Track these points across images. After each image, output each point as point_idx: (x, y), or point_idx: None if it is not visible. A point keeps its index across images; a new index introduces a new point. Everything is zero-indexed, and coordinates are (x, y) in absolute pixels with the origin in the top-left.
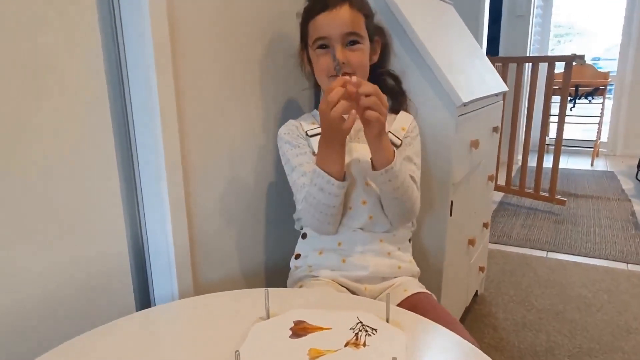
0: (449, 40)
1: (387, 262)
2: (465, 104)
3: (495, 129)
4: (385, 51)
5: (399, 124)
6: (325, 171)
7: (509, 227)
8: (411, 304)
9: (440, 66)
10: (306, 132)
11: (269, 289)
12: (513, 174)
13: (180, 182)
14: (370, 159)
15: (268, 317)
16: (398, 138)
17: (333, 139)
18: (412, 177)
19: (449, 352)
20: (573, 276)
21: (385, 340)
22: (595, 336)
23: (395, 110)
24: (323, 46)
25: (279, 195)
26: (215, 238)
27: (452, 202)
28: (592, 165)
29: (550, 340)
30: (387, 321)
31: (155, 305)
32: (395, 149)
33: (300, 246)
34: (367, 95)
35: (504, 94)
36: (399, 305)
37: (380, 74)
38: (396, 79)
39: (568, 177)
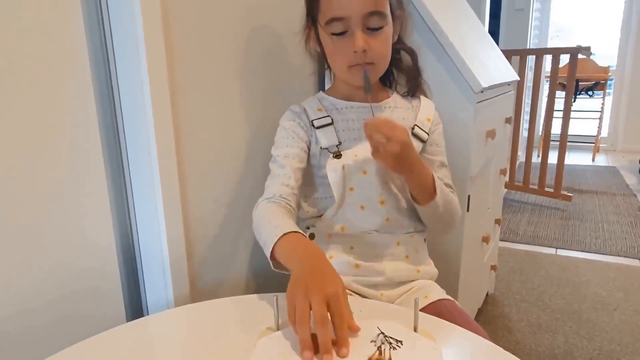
0: (463, 27)
1: (405, 266)
2: (483, 91)
3: (508, 120)
4: (404, 24)
5: (424, 115)
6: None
7: (514, 224)
8: (434, 311)
9: (457, 50)
10: (312, 122)
11: (279, 294)
12: (515, 169)
13: (175, 178)
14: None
15: (277, 329)
16: (425, 132)
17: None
18: (448, 185)
19: None
20: (586, 274)
21: (416, 354)
22: (615, 337)
23: (412, 92)
24: (340, 33)
25: None
26: (213, 239)
27: (469, 196)
28: (593, 160)
29: (568, 342)
30: (415, 330)
31: (148, 313)
32: (427, 158)
33: None
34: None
35: (515, 83)
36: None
37: (396, 49)
38: (413, 54)
39: (570, 173)
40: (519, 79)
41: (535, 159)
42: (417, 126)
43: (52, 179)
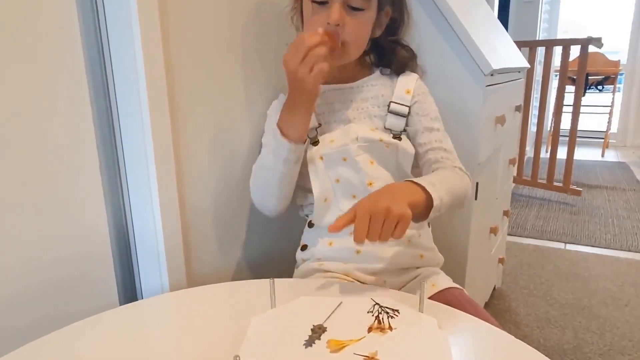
0: (473, 11)
1: (407, 251)
2: (493, 74)
3: (517, 108)
4: (394, 24)
5: (402, 88)
6: (282, 134)
7: (522, 219)
8: (443, 300)
9: (467, 30)
10: None
11: (275, 279)
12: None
13: (171, 161)
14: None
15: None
16: (404, 105)
17: (298, 101)
18: (445, 149)
19: (502, 352)
20: (596, 269)
21: (413, 321)
22: (627, 333)
23: (397, 72)
24: (320, 1)
25: None
26: (211, 224)
27: (477, 184)
28: (602, 156)
29: (577, 338)
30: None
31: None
32: (404, 133)
33: (307, 236)
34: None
35: (526, 71)
36: None
37: (390, 44)
38: (407, 48)
39: (579, 168)
40: (529, 66)
41: (543, 154)
42: (394, 102)
43: (43, 164)
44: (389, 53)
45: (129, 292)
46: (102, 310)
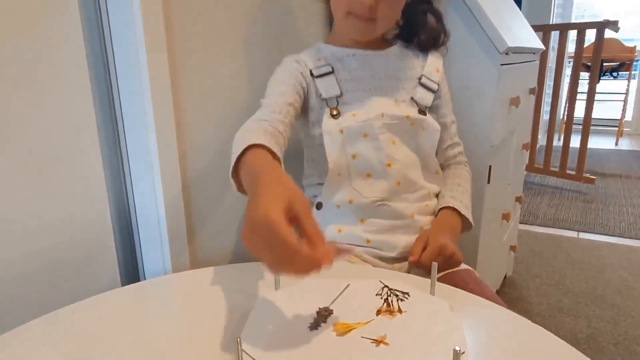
0: None
1: None
2: (507, 52)
3: (532, 91)
4: None
5: (432, 66)
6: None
7: (534, 207)
8: (450, 282)
9: (482, 6)
10: (310, 71)
11: None
12: (536, 152)
13: (172, 132)
14: None
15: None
16: (434, 82)
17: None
18: (458, 144)
19: (518, 336)
20: (610, 257)
21: (424, 304)
22: None
23: (425, 48)
24: None
25: (289, 155)
26: (215, 205)
27: (490, 167)
28: (616, 144)
29: (591, 327)
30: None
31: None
32: (440, 120)
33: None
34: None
35: (540, 53)
36: None
37: (422, 10)
38: (438, 16)
39: (592, 157)
40: (544, 48)
41: (556, 142)
42: (425, 76)
43: (41, 145)
44: (419, 25)
45: (131, 275)
46: (104, 289)
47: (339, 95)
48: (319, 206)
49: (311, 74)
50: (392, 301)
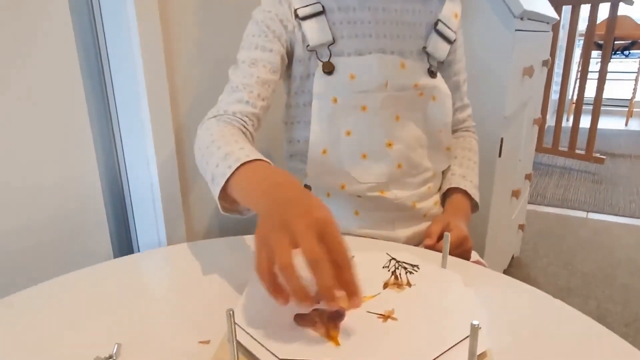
0: None
1: (423, 228)
2: (522, 17)
3: (544, 63)
4: None
5: (449, 10)
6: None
7: (542, 187)
8: None
9: None
10: (295, 11)
11: None
12: (544, 132)
13: (166, 97)
14: None
15: None
16: (452, 30)
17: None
18: (467, 106)
19: (538, 311)
20: (620, 238)
21: (435, 277)
22: None
23: None
24: None
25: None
26: None
27: (502, 139)
28: (626, 125)
29: (601, 308)
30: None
31: None
32: (452, 79)
33: None
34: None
35: (552, 24)
36: None
37: None
38: None
39: (602, 137)
40: (558, 18)
41: (564, 123)
42: (441, 21)
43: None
44: None
45: (125, 247)
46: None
47: (331, 43)
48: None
49: (296, 15)
50: (400, 274)
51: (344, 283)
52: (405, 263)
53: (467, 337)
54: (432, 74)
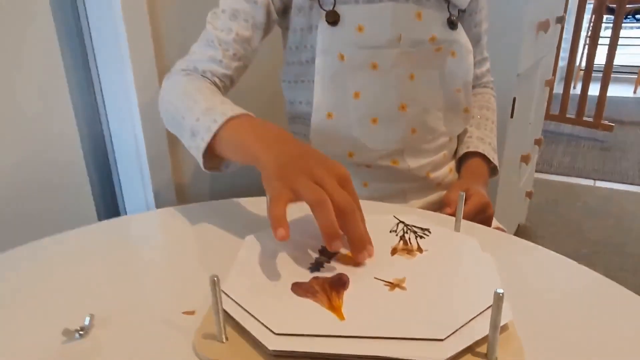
0: None
1: (436, 197)
2: None
3: (559, 19)
4: None
5: None
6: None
7: (549, 155)
8: None
9: None
10: None
11: None
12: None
13: (148, 41)
14: None
15: None
16: None
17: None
18: (486, 59)
19: (557, 275)
20: (629, 206)
21: (449, 241)
22: None
23: None
24: None
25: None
26: None
27: (514, 99)
28: (635, 92)
29: (610, 276)
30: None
31: None
32: (472, 31)
33: None
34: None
35: None
36: None
37: None
38: None
39: (610, 105)
40: None
41: (571, 91)
42: None
43: None
44: None
45: (111, 210)
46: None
47: None
48: None
49: None
50: (409, 239)
51: (359, 234)
52: (415, 227)
53: (489, 307)
54: (451, 24)
